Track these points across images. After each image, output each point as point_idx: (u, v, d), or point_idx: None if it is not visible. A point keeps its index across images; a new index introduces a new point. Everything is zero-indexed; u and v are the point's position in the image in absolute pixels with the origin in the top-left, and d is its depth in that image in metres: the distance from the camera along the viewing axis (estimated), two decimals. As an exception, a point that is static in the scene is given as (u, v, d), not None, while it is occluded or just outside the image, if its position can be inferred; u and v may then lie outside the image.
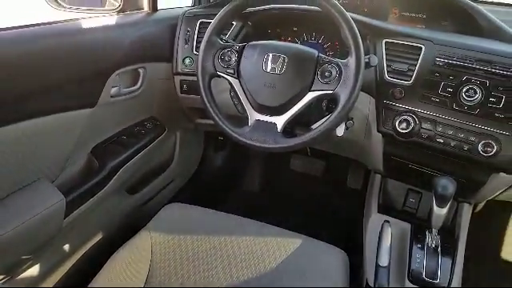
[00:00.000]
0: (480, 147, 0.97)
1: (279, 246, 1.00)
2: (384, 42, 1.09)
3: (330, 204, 1.85)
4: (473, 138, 0.98)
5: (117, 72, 1.12)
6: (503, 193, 1.16)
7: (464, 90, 0.98)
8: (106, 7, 1.30)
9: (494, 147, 0.96)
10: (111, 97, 1.13)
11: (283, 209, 1.84)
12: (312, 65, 0.94)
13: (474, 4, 1.17)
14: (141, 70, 1.23)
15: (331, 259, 0.98)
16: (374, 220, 1.19)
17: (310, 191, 1.96)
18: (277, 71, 0.95)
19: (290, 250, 0.99)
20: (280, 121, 0.97)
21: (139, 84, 1.23)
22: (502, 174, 1.01)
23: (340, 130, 1.10)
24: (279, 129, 0.97)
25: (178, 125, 1.55)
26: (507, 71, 0.95)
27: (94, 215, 1.20)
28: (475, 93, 0.97)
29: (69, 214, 1.03)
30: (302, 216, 1.75)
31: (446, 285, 1.01)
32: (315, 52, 0.97)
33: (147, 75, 1.25)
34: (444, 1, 1.23)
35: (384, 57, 1.08)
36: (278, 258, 0.97)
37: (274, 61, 0.96)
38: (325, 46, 1.28)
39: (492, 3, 1.56)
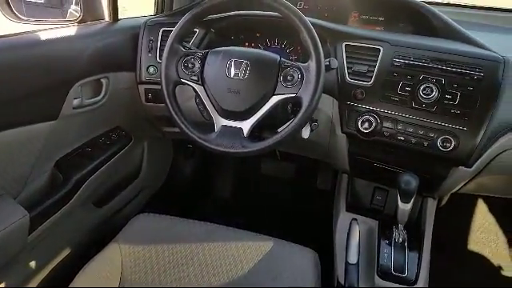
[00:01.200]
0: (439, 143, 1.01)
1: (251, 250, 1.00)
2: (344, 44, 1.12)
3: (300, 206, 1.87)
4: (432, 134, 1.02)
5: (78, 83, 1.10)
6: (465, 186, 1.21)
7: (421, 88, 1.02)
8: (67, 18, 1.27)
9: (452, 142, 1.00)
10: (74, 108, 1.11)
11: (255, 213, 1.84)
12: (274, 69, 0.96)
13: (428, 5, 1.22)
14: (103, 81, 1.21)
15: (302, 260, 0.99)
16: (343, 219, 1.22)
17: (281, 194, 1.97)
18: (240, 76, 0.97)
19: (262, 254, 0.99)
20: (246, 125, 0.98)
21: (102, 94, 1.21)
22: (462, 168, 1.05)
23: (305, 133, 1.12)
24: (245, 133, 0.97)
25: (145, 134, 1.53)
26: (460, 69, 1.00)
27: (60, 230, 1.17)
28: (432, 91, 1.01)
29: (33, 229, 1.00)
30: (274, 219, 1.76)
31: (413, 278, 1.04)
32: (277, 57, 0.99)
33: (110, 85, 1.23)
34: (399, 3, 1.28)
35: (344, 59, 1.11)
36: (249, 261, 0.97)
37: (237, 66, 0.97)
38: (288, 50, 1.30)
39: (444, 4, 1.64)
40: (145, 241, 1.01)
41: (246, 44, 1.33)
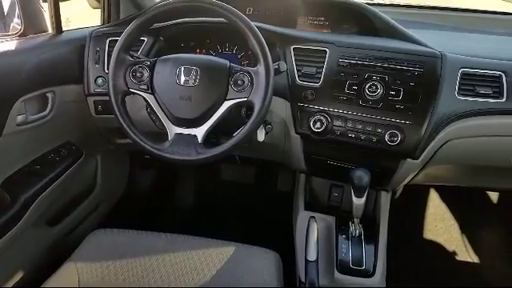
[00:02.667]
0: (387, 137, 1.05)
1: (212, 257, 1.00)
2: (292, 48, 1.15)
3: (262, 208, 1.88)
4: (380, 130, 1.06)
5: (21, 99, 1.05)
6: (415, 178, 1.27)
7: (367, 86, 1.06)
8: (9, 32, 1.22)
9: (398, 136, 1.04)
10: (17, 125, 1.06)
11: (218, 220, 1.84)
12: (225, 75, 0.97)
13: (370, 7, 1.27)
14: (49, 95, 1.16)
15: (264, 262, 1.00)
16: (302, 218, 1.24)
17: (242, 199, 1.98)
18: (191, 83, 0.96)
19: (223, 260, 0.99)
20: (200, 132, 0.98)
21: (49, 109, 1.17)
22: (409, 160, 1.10)
23: (260, 136, 1.14)
24: (200, 140, 0.97)
25: (98, 147, 1.49)
26: (402, 66, 1.05)
27: (11, 252, 1.12)
28: (377, 88, 1.05)
29: None
30: (237, 224, 1.76)
31: (371, 270, 1.08)
32: (227, 62, 1.00)
33: (57, 99, 1.18)
34: (343, 6, 1.32)
35: (293, 62, 1.14)
36: (212, 268, 0.97)
37: (187, 73, 0.97)
38: (239, 55, 1.31)
39: (386, 5, 1.72)
40: (102, 257, 0.98)
41: (197, 51, 1.33)
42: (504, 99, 1.05)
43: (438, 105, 1.03)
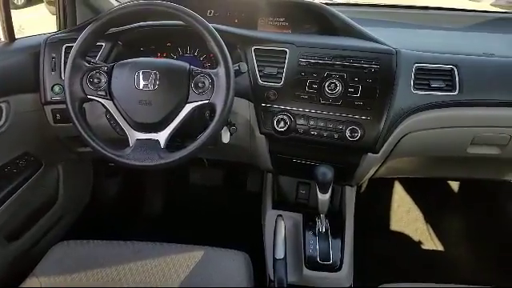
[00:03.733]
0: (347, 133, 1.08)
1: (181, 262, 0.99)
2: (253, 48, 1.16)
3: (232, 210, 1.88)
4: (340, 127, 1.09)
5: None
6: (378, 171, 1.30)
7: (326, 84, 1.08)
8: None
9: (359, 132, 1.07)
10: None
11: (188, 224, 1.82)
12: (185, 77, 0.96)
13: (327, 6, 1.29)
14: (3, 105, 1.12)
15: (233, 263, 1.00)
16: (270, 217, 1.25)
17: (212, 201, 1.97)
18: (150, 87, 0.95)
19: (192, 264, 0.99)
20: (162, 136, 0.96)
21: (3, 120, 1.12)
22: (370, 155, 1.13)
23: (225, 137, 1.14)
24: (163, 144, 0.96)
25: (58, 157, 1.44)
26: (359, 63, 1.08)
27: None
28: (336, 86, 1.08)
29: None
30: (207, 227, 1.75)
31: (338, 264, 1.10)
32: (186, 65, 0.99)
33: (12, 109, 1.14)
34: (302, 7, 1.34)
35: (255, 63, 1.15)
36: (180, 274, 0.96)
37: (146, 77, 0.95)
38: (201, 58, 1.30)
39: (343, 4, 1.77)
40: (66, 270, 0.95)
41: (158, 54, 1.31)
42: (456, 92, 1.10)
43: (395, 100, 1.06)
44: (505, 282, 1.57)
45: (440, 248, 1.81)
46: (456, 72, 1.10)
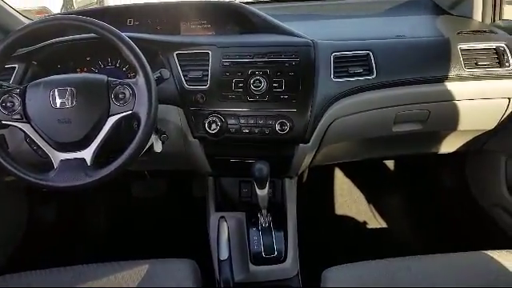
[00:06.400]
0: (277, 127, 1.10)
1: (126, 279, 0.96)
2: (175, 54, 1.15)
3: (179, 218, 1.86)
4: (270, 122, 1.11)
5: None
6: (314, 160, 1.34)
7: (251, 82, 1.10)
8: None
9: (287, 125, 1.10)
10: None
11: (133, 239, 1.77)
12: (103, 90, 0.93)
13: (245, 5, 1.31)
14: None
15: (180, 273, 0.99)
16: (213, 219, 1.25)
17: (157, 213, 1.93)
18: (68, 105, 0.92)
19: (138, 279, 0.96)
20: (88, 154, 0.93)
21: None
22: (302, 145, 1.16)
23: (157, 146, 1.12)
24: (89, 162, 0.93)
25: None
26: (280, 58, 1.11)
27: None
28: (261, 82, 1.10)
29: None
30: (154, 239, 1.71)
31: (282, 256, 1.12)
32: (104, 77, 0.96)
33: None
34: (221, 7, 1.35)
35: (179, 68, 1.14)
36: None
37: (62, 95, 0.92)
38: (124, 68, 1.27)
39: (260, 2, 1.81)
40: None
41: (78, 70, 1.26)
42: (374, 75, 1.16)
43: (317, 89, 1.10)
44: (445, 246, 1.68)
45: (384, 225, 1.90)
46: (372, 56, 1.16)
